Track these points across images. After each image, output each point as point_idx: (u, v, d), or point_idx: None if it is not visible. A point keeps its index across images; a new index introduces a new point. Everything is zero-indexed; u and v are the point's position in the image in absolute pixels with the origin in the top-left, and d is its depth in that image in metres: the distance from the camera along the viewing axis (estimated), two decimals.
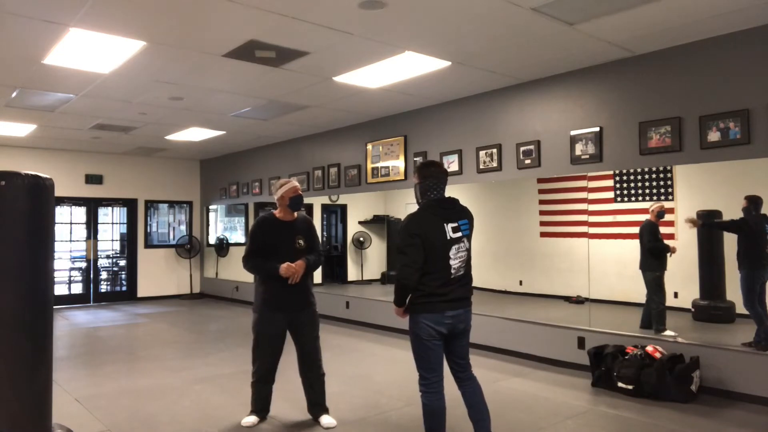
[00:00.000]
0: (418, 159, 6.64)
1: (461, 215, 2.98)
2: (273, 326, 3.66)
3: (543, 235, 7.01)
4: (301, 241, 3.70)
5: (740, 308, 4.85)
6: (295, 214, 3.78)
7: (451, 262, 2.87)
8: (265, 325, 3.67)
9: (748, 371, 4.14)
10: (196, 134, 8.42)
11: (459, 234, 2.91)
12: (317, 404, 3.81)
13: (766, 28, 4.08)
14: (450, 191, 3.07)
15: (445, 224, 2.88)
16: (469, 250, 2.99)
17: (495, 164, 5.84)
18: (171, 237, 11.29)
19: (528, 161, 5.55)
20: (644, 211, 5.69)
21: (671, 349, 4.47)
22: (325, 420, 3.75)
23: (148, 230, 10.95)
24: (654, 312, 5.32)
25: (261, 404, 3.78)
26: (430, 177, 2.97)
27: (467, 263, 2.98)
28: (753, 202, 4.86)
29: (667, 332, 5.06)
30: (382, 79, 5.45)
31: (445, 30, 4.20)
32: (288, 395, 4.27)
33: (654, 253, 5.43)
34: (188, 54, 4.72)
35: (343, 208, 9.42)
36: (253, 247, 3.67)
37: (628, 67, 4.85)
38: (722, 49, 4.29)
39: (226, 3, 3.68)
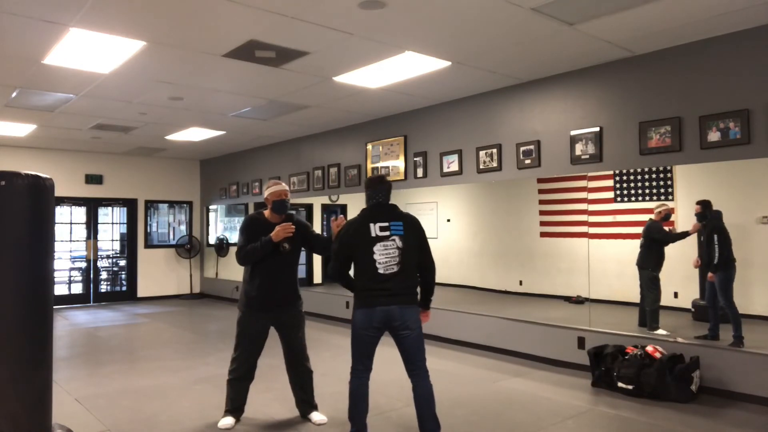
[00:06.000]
0: (419, 159, 6.64)
1: (395, 218, 3.25)
2: (256, 326, 3.64)
3: (543, 235, 7.02)
4: (286, 245, 3.61)
5: (740, 308, 4.86)
6: (283, 215, 3.70)
7: (376, 257, 3.16)
8: (248, 325, 3.65)
9: (748, 371, 4.14)
10: (196, 134, 8.42)
11: (387, 233, 3.19)
12: (306, 402, 3.81)
13: (766, 28, 4.08)
14: (450, 191, 3.11)
15: (371, 224, 3.21)
16: (402, 249, 3.19)
17: (495, 164, 5.84)
18: (171, 237, 11.29)
19: (528, 161, 5.55)
20: (644, 211, 5.69)
21: (671, 349, 4.47)
22: (316, 417, 3.76)
23: (148, 230, 10.95)
24: (648, 310, 5.33)
25: (238, 402, 3.72)
26: (369, 188, 3.37)
27: (404, 263, 3.18)
28: (706, 206, 4.98)
29: (660, 331, 5.06)
30: (382, 79, 5.45)
31: (445, 30, 4.20)
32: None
33: (658, 252, 5.43)
34: (188, 54, 4.72)
35: (343, 208, 9.41)
36: (245, 242, 3.61)
37: (628, 67, 4.84)
38: (722, 49, 4.29)
39: (226, 3, 3.68)
